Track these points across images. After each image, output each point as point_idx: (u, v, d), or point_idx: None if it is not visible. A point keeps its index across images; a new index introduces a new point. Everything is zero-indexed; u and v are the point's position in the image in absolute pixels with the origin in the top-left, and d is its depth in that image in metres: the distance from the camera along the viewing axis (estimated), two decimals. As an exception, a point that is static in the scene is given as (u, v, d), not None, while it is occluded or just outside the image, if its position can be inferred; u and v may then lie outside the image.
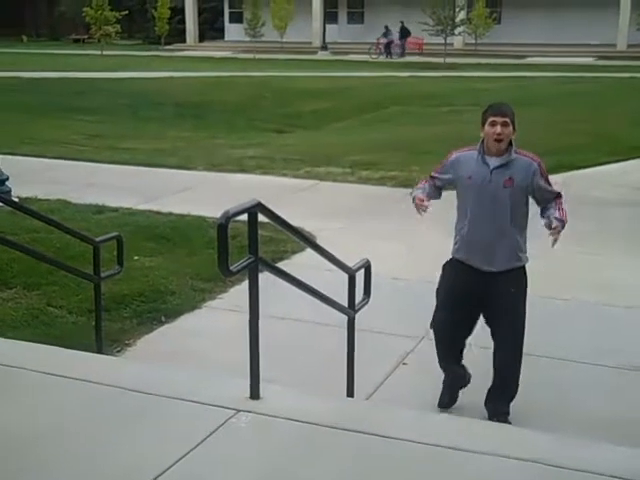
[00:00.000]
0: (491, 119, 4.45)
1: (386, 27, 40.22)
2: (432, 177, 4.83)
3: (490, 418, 4.67)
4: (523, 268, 4.69)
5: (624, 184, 11.25)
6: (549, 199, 4.64)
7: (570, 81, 26.04)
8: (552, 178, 4.73)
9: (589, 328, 6.14)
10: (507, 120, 4.42)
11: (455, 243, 4.74)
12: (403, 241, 8.20)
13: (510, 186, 4.47)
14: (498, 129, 4.41)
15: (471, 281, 4.64)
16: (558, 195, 4.66)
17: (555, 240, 4.49)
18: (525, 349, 5.62)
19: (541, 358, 5.60)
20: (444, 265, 4.82)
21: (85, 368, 4.41)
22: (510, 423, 4.58)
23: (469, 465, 3.41)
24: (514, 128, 4.48)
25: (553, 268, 7.52)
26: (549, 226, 4.52)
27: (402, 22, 39.92)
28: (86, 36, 49.77)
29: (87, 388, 4.13)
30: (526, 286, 4.70)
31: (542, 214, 4.66)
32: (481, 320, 4.80)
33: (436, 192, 4.84)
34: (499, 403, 4.76)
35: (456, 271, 4.73)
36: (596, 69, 30.69)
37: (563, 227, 4.52)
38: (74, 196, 9.84)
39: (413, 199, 4.72)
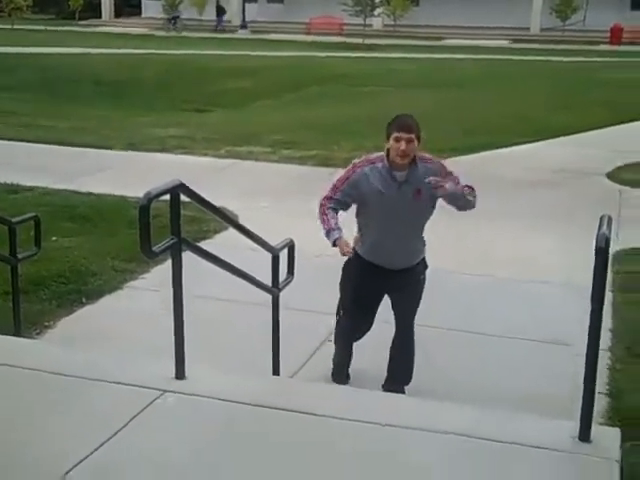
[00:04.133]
0: (395, 135, 4.33)
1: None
2: (335, 200, 4.54)
3: None
4: (424, 259, 4.78)
5: (538, 164, 11.54)
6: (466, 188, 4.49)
7: (486, 63, 26.55)
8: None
9: (506, 303, 6.31)
10: (412, 136, 4.31)
11: (361, 243, 4.68)
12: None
13: (419, 199, 4.43)
14: (403, 146, 4.30)
15: (377, 277, 4.68)
16: (468, 186, 4.50)
17: (436, 184, 4.26)
18: (446, 324, 5.78)
19: (461, 333, 5.74)
20: (347, 262, 4.75)
21: (2, 351, 4.30)
22: None
23: (396, 440, 3.47)
24: (419, 141, 4.37)
25: (469, 245, 7.71)
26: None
27: (218, 1, 42.68)
28: (-5, 10, 48.02)
29: (5, 372, 4.04)
30: (425, 274, 4.79)
31: None
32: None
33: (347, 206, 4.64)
34: (399, 387, 4.81)
35: (362, 268, 4.69)
36: (511, 52, 31.36)
37: (451, 192, 4.31)
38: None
39: (334, 243, 4.44)
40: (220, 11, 42.91)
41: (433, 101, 17.44)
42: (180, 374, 3.94)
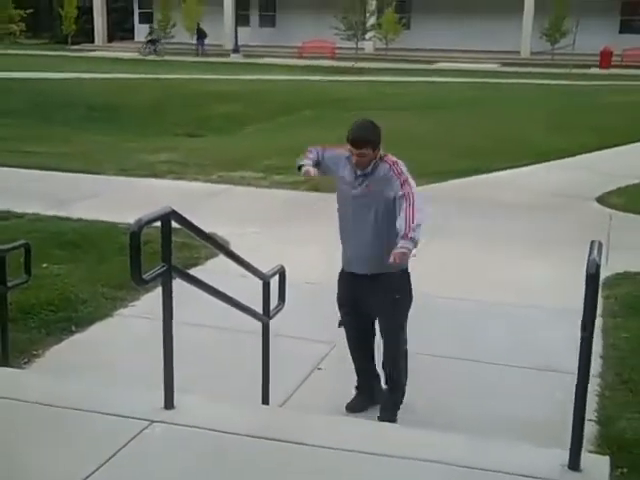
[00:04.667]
0: (349, 147, 4.55)
1: (150, 27, 43.62)
2: (324, 149, 4.88)
3: None
4: (402, 272, 4.65)
5: (527, 188, 11.60)
6: (400, 198, 4.41)
7: (477, 87, 26.72)
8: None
9: (497, 329, 6.29)
10: (363, 151, 4.48)
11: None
12: (317, 245, 8.25)
13: (371, 192, 4.54)
14: (354, 159, 4.53)
15: (351, 285, 4.77)
16: (403, 195, 4.39)
17: (402, 257, 4.24)
18: (437, 351, 5.76)
19: (452, 360, 5.72)
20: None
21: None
22: None
23: (383, 469, 3.45)
24: (379, 146, 4.53)
25: (460, 269, 7.70)
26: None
27: (198, 24, 42.19)
28: (-12, 35, 48.16)
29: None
30: (408, 290, 4.72)
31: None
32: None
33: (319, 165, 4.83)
34: (386, 412, 4.81)
35: (341, 277, 4.88)
36: (502, 75, 31.57)
37: (415, 244, 4.25)
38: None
39: (299, 168, 4.79)
40: (201, 34, 42.68)
41: (424, 124, 17.54)
42: (169, 404, 3.90)
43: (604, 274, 6.48)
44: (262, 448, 3.61)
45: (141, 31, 47.45)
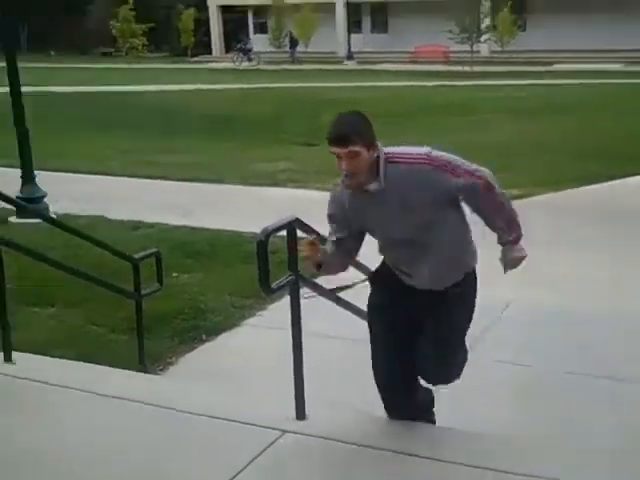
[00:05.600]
0: (331, 149, 3.24)
1: (241, 38, 45.23)
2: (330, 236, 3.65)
3: None
4: (470, 275, 3.61)
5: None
6: (476, 199, 3.39)
7: (600, 88, 25.84)
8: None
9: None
10: (354, 149, 3.19)
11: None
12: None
13: (409, 210, 3.32)
14: (343, 165, 3.23)
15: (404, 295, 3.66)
16: (484, 186, 3.35)
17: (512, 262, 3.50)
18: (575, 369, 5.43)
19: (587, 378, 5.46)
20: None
21: (128, 386, 4.45)
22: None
23: None
24: (374, 144, 3.28)
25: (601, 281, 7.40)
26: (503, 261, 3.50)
27: (290, 32, 43.17)
28: (113, 49, 50.29)
29: (129, 407, 4.16)
30: (473, 289, 3.65)
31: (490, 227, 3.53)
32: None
33: (349, 246, 3.64)
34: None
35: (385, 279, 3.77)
36: (626, 75, 30.39)
37: (517, 239, 3.48)
38: (109, 212, 9.87)
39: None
40: (293, 42, 43.54)
41: (547, 128, 17.09)
42: (300, 414, 3.94)
43: None
44: (393, 460, 3.60)
45: (257, 41, 48.44)
